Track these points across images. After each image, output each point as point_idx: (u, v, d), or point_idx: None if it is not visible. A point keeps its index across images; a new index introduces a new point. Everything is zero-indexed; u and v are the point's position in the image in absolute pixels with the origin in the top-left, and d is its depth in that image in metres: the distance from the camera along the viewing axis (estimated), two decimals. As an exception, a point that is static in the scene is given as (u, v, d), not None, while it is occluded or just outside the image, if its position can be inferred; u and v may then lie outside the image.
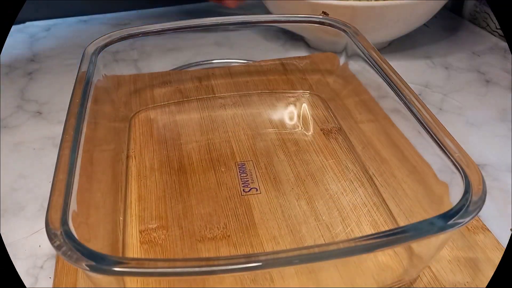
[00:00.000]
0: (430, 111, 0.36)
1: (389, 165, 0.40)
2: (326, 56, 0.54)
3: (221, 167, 0.42)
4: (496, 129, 0.49)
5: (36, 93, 0.54)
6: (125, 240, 0.36)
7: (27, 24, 0.71)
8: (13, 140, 0.46)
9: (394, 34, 0.61)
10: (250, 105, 0.50)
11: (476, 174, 0.30)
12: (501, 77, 0.57)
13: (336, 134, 0.46)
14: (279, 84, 0.53)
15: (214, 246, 0.35)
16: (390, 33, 0.60)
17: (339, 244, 0.26)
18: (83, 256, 0.25)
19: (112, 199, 0.37)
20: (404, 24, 0.59)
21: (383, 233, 0.27)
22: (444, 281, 0.33)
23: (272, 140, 0.46)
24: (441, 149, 0.33)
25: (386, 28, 0.58)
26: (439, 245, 0.31)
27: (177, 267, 0.25)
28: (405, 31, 0.61)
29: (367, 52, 0.43)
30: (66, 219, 0.27)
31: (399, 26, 0.59)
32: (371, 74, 0.42)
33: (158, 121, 0.48)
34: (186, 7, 0.76)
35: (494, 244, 0.35)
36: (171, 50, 0.60)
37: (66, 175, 0.30)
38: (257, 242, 0.36)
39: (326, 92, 0.51)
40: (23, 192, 0.41)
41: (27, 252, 0.36)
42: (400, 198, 0.38)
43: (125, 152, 0.44)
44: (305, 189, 0.40)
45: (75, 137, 0.33)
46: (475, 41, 0.65)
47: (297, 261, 0.26)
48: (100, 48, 0.43)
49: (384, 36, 0.61)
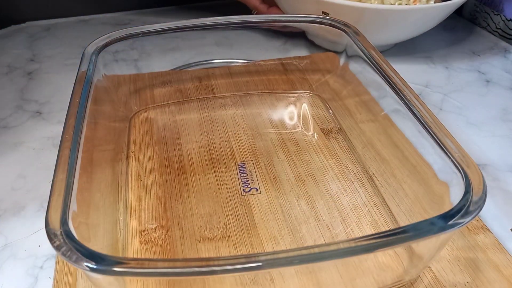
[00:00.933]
0: (431, 111, 0.36)
1: (389, 165, 0.40)
2: (326, 56, 0.53)
3: (221, 167, 0.42)
4: (497, 129, 0.49)
5: (36, 93, 0.54)
6: (125, 240, 0.36)
7: (27, 24, 0.71)
8: (13, 140, 0.46)
9: (400, 37, 0.60)
10: (250, 105, 0.50)
11: (476, 174, 0.30)
12: (501, 77, 0.57)
13: (336, 134, 0.46)
14: (279, 84, 0.53)
15: (214, 246, 0.35)
16: (396, 35, 0.59)
17: (339, 244, 0.26)
18: (83, 256, 0.24)
19: (112, 199, 0.37)
20: (412, 27, 0.58)
21: (383, 233, 0.27)
22: (445, 281, 0.33)
23: (272, 140, 0.45)
24: (441, 149, 0.33)
25: (393, 31, 0.58)
26: (439, 245, 0.31)
27: (177, 267, 0.25)
28: (413, 34, 0.60)
29: (368, 52, 0.43)
30: (66, 219, 0.27)
31: (407, 29, 0.58)
32: (371, 74, 0.42)
33: (158, 121, 0.48)
34: (186, 7, 0.76)
35: (494, 244, 0.35)
36: (171, 50, 0.60)
37: (66, 175, 0.30)
38: (257, 242, 0.36)
39: (326, 92, 0.51)
40: (23, 192, 0.41)
41: (27, 252, 0.36)
42: (401, 198, 0.38)
43: (125, 152, 0.44)
44: (305, 189, 0.40)
45: (75, 137, 0.33)
46: (475, 41, 0.65)
47: (297, 261, 0.26)
48: (100, 48, 0.43)
49: (390, 38, 0.60)
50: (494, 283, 0.33)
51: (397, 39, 0.61)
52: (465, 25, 0.70)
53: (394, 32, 0.58)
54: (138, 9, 0.75)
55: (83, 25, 0.71)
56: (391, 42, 0.62)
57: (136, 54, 0.57)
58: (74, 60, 0.60)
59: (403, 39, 0.61)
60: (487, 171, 0.43)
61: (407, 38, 0.61)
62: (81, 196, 0.30)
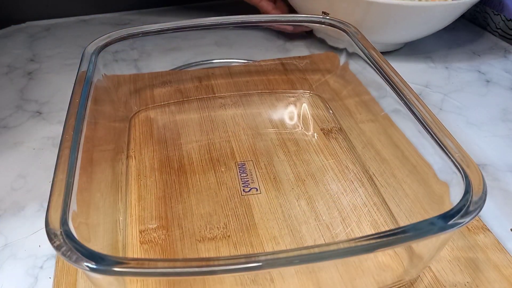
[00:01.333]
0: (431, 111, 0.36)
1: (389, 165, 0.40)
2: (326, 56, 0.53)
3: (221, 167, 0.42)
4: (497, 129, 0.49)
5: (36, 93, 0.54)
6: (125, 240, 0.36)
7: (27, 24, 0.71)
8: (12, 140, 0.46)
9: (415, 35, 0.59)
10: (250, 105, 0.50)
11: (476, 174, 0.30)
12: (501, 77, 0.57)
13: (336, 134, 0.46)
14: (279, 84, 0.53)
15: (214, 246, 0.35)
16: (410, 33, 0.58)
17: (339, 244, 0.26)
18: (83, 256, 0.24)
19: (112, 199, 0.37)
20: (427, 25, 0.57)
21: (383, 233, 0.27)
22: (445, 281, 0.33)
23: (272, 140, 0.45)
24: (441, 149, 0.33)
25: (408, 28, 0.57)
26: (439, 245, 0.31)
27: (177, 267, 0.25)
28: (427, 32, 0.59)
29: (368, 52, 0.43)
30: (66, 219, 0.27)
31: (424, 26, 0.57)
32: (371, 74, 0.42)
33: (158, 121, 0.48)
34: (186, 7, 0.76)
35: (494, 244, 0.35)
36: (171, 50, 0.60)
37: (66, 175, 0.30)
38: (257, 242, 0.36)
39: (326, 92, 0.51)
40: (23, 192, 0.41)
41: (27, 252, 0.36)
42: (401, 198, 0.38)
43: (125, 152, 0.44)
44: (305, 189, 0.40)
45: (75, 137, 0.33)
46: (475, 40, 0.65)
47: (297, 261, 0.26)
48: (100, 48, 0.43)
49: (404, 36, 0.59)
50: (494, 283, 0.33)
51: (411, 37, 0.60)
52: (465, 25, 0.70)
53: (408, 29, 0.57)
54: (138, 9, 0.75)
55: (83, 25, 0.71)
56: (404, 41, 0.61)
57: (136, 54, 0.57)
58: (74, 60, 0.60)
59: (417, 38, 0.60)
60: (487, 171, 0.43)
61: (421, 37, 0.60)
62: (81, 196, 0.30)
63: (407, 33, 0.58)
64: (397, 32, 0.57)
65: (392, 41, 0.60)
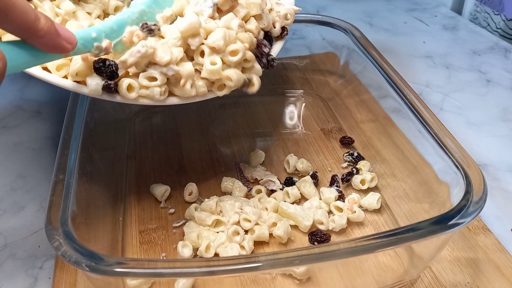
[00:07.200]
0: (431, 111, 0.36)
1: (389, 165, 0.40)
2: (326, 56, 0.53)
3: (221, 167, 0.42)
4: (497, 129, 0.49)
5: (36, 93, 0.54)
6: (125, 240, 0.36)
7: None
8: (12, 140, 0.46)
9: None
10: (250, 105, 0.50)
11: (477, 174, 0.30)
12: (502, 77, 0.57)
13: (336, 134, 0.46)
14: (279, 84, 0.53)
15: (214, 246, 0.35)
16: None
17: (339, 244, 0.26)
18: (82, 257, 0.24)
19: (112, 199, 0.37)
20: None
21: (383, 233, 0.27)
22: (445, 281, 0.33)
23: (272, 140, 0.45)
24: (441, 149, 0.33)
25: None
26: (439, 246, 0.31)
27: (177, 267, 0.25)
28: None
29: (368, 52, 0.43)
30: (66, 219, 0.27)
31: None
32: (372, 74, 0.42)
33: (158, 121, 0.48)
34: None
35: (495, 245, 0.35)
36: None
37: (66, 175, 0.30)
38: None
39: (326, 92, 0.51)
40: (23, 192, 0.41)
41: (27, 253, 0.36)
42: (401, 198, 0.38)
43: (125, 152, 0.44)
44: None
45: (75, 137, 0.33)
46: (476, 40, 0.65)
47: (297, 261, 0.26)
48: (100, 48, 0.43)
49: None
50: (494, 283, 0.33)
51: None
52: (465, 25, 0.70)
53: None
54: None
55: (83, 25, 0.70)
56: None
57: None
58: (74, 60, 0.60)
59: None
60: (487, 171, 0.43)
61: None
62: (81, 196, 0.30)
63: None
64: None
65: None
